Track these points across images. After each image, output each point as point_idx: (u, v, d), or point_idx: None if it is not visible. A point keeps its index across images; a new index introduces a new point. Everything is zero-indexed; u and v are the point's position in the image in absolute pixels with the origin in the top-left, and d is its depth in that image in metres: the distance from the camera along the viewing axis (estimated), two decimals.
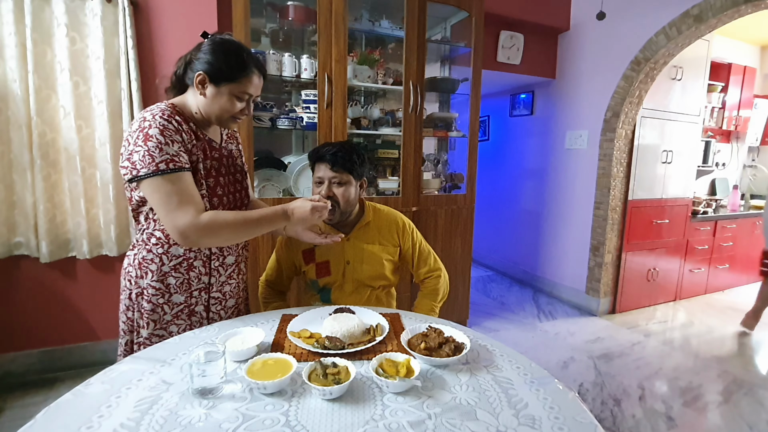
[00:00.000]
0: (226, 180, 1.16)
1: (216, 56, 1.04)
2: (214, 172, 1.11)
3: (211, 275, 1.14)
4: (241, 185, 1.23)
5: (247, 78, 1.07)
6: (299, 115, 2.27)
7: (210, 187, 1.09)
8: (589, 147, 3.27)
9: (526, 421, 0.75)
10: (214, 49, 1.05)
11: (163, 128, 0.99)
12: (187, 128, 1.06)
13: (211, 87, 1.05)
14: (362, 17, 2.45)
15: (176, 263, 1.09)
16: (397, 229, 1.50)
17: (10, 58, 1.87)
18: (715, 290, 3.86)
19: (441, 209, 2.60)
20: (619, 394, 2.17)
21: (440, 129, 2.75)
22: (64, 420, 0.73)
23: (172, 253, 1.08)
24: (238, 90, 1.07)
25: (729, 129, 4.09)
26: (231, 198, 1.16)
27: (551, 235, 3.70)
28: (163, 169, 0.97)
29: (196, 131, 1.09)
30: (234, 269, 1.20)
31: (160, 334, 1.11)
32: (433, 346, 0.97)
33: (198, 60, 1.06)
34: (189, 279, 1.11)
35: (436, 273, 1.55)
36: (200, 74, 1.04)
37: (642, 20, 2.85)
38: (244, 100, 1.09)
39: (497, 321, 3.12)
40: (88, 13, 1.96)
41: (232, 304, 1.23)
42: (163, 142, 0.98)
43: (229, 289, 1.20)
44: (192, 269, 1.11)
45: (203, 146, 1.10)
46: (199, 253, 1.11)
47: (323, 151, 1.35)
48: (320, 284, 1.46)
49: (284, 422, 0.73)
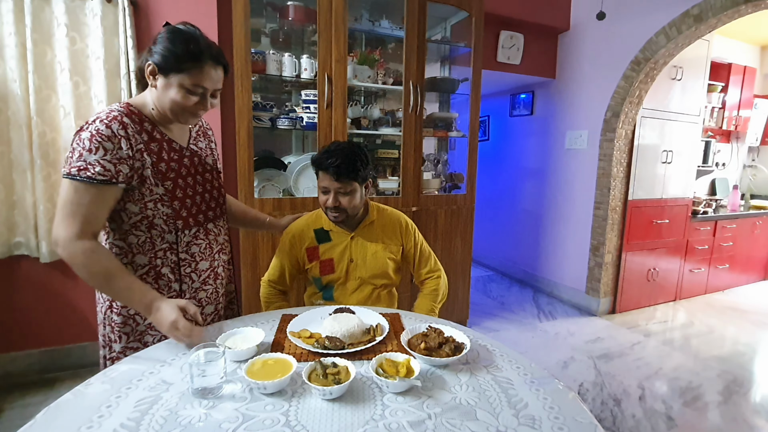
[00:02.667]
0: (193, 181, 1.11)
1: (165, 45, 0.98)
2: (172, 174, 1.05)
3: (182, 282, 1.09)
4: (212, 185, 1.18)
5: (198, 69, 0.99)
6: (299, 115, 2.27)
7: (168, 190, 1.04)
8: (589, 147, 3.27)
9: (526, 421, 0.75)
10: (165, 37, 0.99)
11: (95, 133, 0.94)
12: (137, 129, 1.00)
13: (161, 78, 0.99)
14: (362, 17, 2.45)
15: (142, 272, 1.05)
16: (400, 229, 1.52)
17: (10, 58, 1.87)
18: (715, 290, 3.86)
19: (441, 209, 2.60)
20: (619, 394, 2.17)
21: (440, 129, 2.75)
22: (64, 420, 0.73)
23: (137, 263, 1.04)
24: (189, 82, 0.99)
25: (729, 129, 4.09)
26: (199, 199, 1.12)
27: (551, 235, 3.70)
28: (73, 174, 0.93)
29: (152, 131, 1.03)
30: (209, 274, 1.15)
31: (134, 347, 1.06)
32: (433, 346, 0.97)
33: (150, 51, 1.01)
34: (158, 288, 1.06)
35: (437, 274, 1.56)
36: (149, 65, 0.99)
37: (642, 20, 2.85)
38: (197, 94, 1.01)
39: (497, 321, 3.12)
40: (88, 13, 1.96)
41: (211, 311, 1.17)
42: (86, 148, 0.93)
43: (205, 295, 1.15)
44: (160, 277, 1.06)
45: (159, 147, 1.04)
46: (166, 260, 1.06)
47: (326, 163, 1.32)
48: (323, 282, 1.47)
49: (284, 422, 0.73)
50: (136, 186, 1.00)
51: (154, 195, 1.02)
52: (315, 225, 1.49)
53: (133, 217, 1.02)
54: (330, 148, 1.35)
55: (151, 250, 1.05)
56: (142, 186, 1.01)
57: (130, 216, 1.02)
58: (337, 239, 1.46)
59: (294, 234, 1.48)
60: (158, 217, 1.04)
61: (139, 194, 1.01)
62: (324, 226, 1.47)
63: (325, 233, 1.46)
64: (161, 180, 1.03)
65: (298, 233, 1.48)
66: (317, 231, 1.47)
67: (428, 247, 1.58)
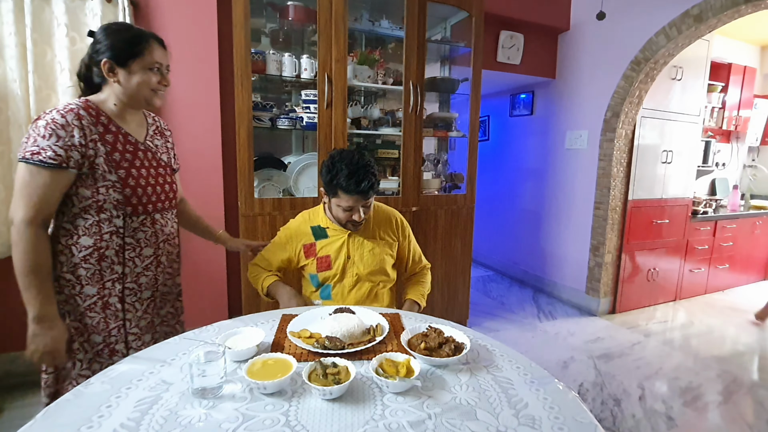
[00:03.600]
0: (147, 173, 1.18)
1: (112, 39, 1.08)
2: (126, 163, 1.13)
3: (125, 265, 1.15)
4: (165, 179, 1.24)
5: (149, 49, 1.10)
6: (299, 115, 2.27)
7: (121, 178, 1.11)
8: (589, 147, 3.27)
9: (526, 421, 0.76)
10: (108, 34, 1.08)
11: (50, 121, 1.01)
12: (92, 121, 1.07)
13: (121, 70, 1.09)
14: (362, 17, 2.45)
15: (86, 254, 1.10)
16: (395, 224, 1.57)
17: (10, 58, 1.87)
18: (715, 290, 3.86)
19: (441, 209, 2.59)
20: (619, 394, 2.17)
21: (440, 129, 2.75)
22: (64, 420, 0.73)
23: (82, 244, 1.09)
24: (147, 63, 1.10)
25: (729, 129, 4.09)
26: (150, 190, 1.18)
27: (551, 235, 3.70)
28: (27, 157, 1.00)
29: (108, 124, 1.11)
30: (152, 261, 1.21)
31: (74, 326, 1.12)
32: (433, 346, 0.97)
33: (97, 52, 1.09)
34: (101, 269, 1.12)
35: (427, 267, 1.68)
36: (105, 61, 1.07)
37: (642, 20, 2.85)
38: (155, 71, 1.12)
39: (497, 321, 3.12)
40: (88, 13, 1.95)
41: (148, 296, 1.22)
42: (40, 134, 1.01)
43: (146, 280, 1.20)
44: (103, 259, 1.12)
45: (115, 139, 1.12)
46: (111, 243, 1.12)
47: (360, 188, 1.31)
48: (320, 279, 1.47)
49: (284, 422, 0.73)
50: (87, 172, 1.07)
51: (107, 181, 1.09)
52: (312, 222, 1.50)
53: (84, 201, 1.08)
54: (351, 169, 1.31)
55: (97, 233, 1.10)
56: (94, 172, 1.07)
57: (81, 200, 1.08)
58: (335, 236, 1.47)
59: (291, 230, 1.50)
60: (108, 202, 1.10)
61: (92, 179, 1.08)
62: (321, 224, 1.48)
63: (322, 230, 1.48)
64: (115, 168, 1.10)
65: (295, 229, 1.49)
66: (314, 228, 1.48)
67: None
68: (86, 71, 1.14)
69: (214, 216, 2.35)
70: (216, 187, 2.32)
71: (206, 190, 2.31)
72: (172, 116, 2.20)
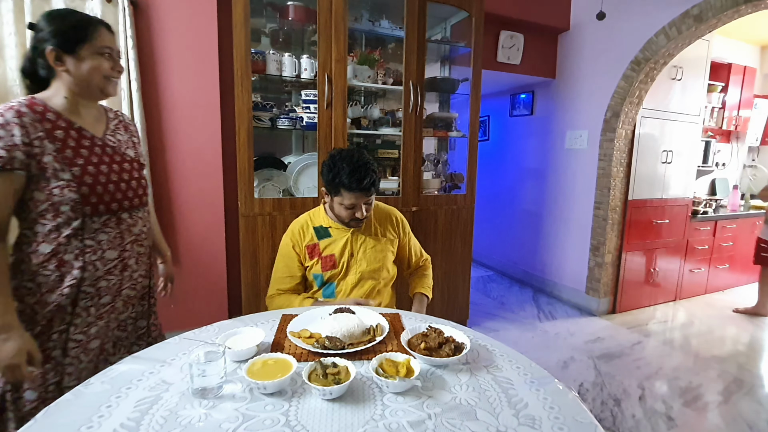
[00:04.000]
0: (108, 169, 1.10)
1: (57, 25, 1.01)
2: (81, 160, 1.05)
3: (85, 269, 1.07)
4: (131, 175, 1.16)
5: (97, 33, 1.05)
6: (299, 115, 2.27)
7: (76, 176, 1.03)
8: (589, 147, 3.27)
9: (526, 421, 0.75)
10: (50, 20, 1.02)
11: None
12: (37, 119, 1.00)
13: (69, 58, 1.02)
14: (362, 17, 2.45)
15: (44, 260, 1.04)
16: (396, 222, 1.60)
17: (10, 58, 1.87)
18: (715, 290, 3.86)
19: (441, 209, 2.60)
20: (619, 394, 2.17)
21: (440, 129, 2.75)
22: (64, 420, 0.73)
23: (41, 251, 1.04)
24: (97, 47, 1.04)
25: (729, 129, 4.09)
26: (112, 188, 1.10)
27: (551, 235, 3.70)
28: None
29: (56, 120, 1.04)
30: (116, 264, 1.12)
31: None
32: (433, 346, 0.97)
33: (41, 41, 1.01)
34: (61, 275, 1.05)
35: (428, 259, 1.72)
36: (51, 50, 1.00)
37: (642, 20, 2.85)
38: (107, 56, 1.07)
39: (497, 321, 3.12)
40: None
41: (108, 301, 1.13)
42: None
43: (106, 285, 1.11)
44: (63, 264, 1.05)
45: (65, 135, 1.04)
46: (70, 246, 1.05)
47: (362, 186, 1.33)
48: (325, 278, 1.49)
49: (284, 422, 0.73)
50: (37, 173, 1.00)
51: (60, 180, 1.02)
52: (313, 222, 1.50)
53: (40, 205, 1.02)
54: (352, 167, 1.33)
55: (56, 238, 1.04)
56: (44, 172, 1.01)
57: (37, 204, 1.03)
58: (337, 235, 1.48)
59: (294, 233, 1.50)
60: (65, 204, 1.03)
61: (44, 180, 1.01)
62: (323, 224, 1.49)
63: (325, 230, 1.49)
64: (68, 165, 1.03)
65: (297, 232, 1.50)
66: (317, 228, 1.49)
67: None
68: (30, 65, 1.05)
69: (214, 216, 2.35)
70: (216, 187, 2.33)
71: (206, 190, 2.31)
72: (172, 116, 2.20)
